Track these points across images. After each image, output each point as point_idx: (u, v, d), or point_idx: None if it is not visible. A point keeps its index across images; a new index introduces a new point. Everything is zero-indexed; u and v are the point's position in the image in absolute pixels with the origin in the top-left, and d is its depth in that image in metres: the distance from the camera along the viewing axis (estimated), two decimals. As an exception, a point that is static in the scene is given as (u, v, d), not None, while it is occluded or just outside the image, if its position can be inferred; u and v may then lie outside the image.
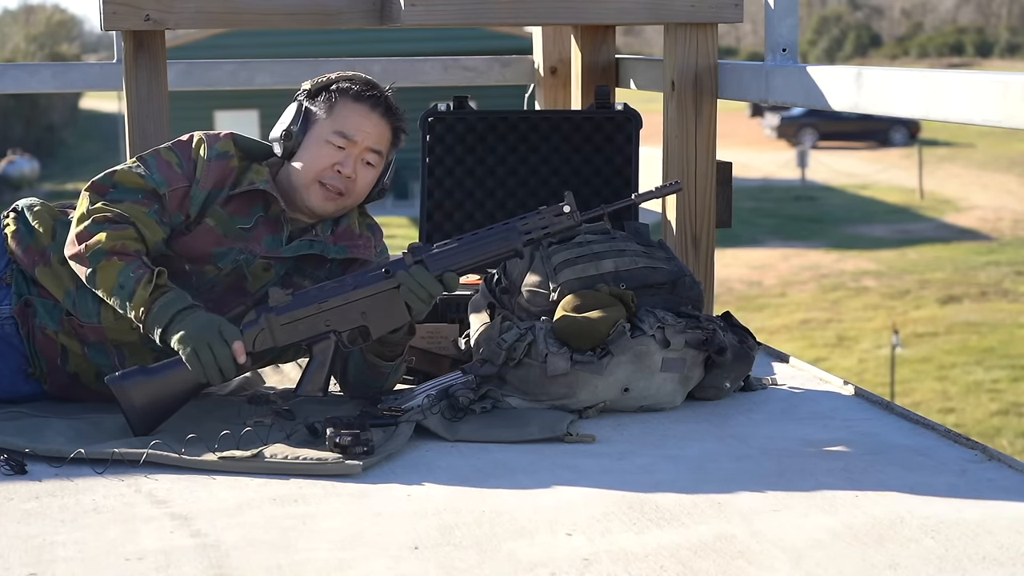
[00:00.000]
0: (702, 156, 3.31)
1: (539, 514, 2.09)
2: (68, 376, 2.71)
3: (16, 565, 1.90)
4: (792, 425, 2.60)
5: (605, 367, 2.61)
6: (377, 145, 2.74)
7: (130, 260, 2.55)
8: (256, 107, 22.33)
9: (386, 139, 2.76)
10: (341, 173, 2.70)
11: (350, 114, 2.72)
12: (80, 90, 6.88)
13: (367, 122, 2.72)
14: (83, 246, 2.57)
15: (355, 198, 2.76)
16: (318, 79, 2.77)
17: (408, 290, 2.54)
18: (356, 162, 2.72)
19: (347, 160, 2.71)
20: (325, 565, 1.90)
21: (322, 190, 2.71)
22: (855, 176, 26.63)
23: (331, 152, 2.71)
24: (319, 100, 2.74)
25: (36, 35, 41.36)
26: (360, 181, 2.74)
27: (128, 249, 2.57)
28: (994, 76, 2.35)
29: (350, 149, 2.71)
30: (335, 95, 2.73)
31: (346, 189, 2.72)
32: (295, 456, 2.33)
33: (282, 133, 2.73)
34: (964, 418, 12.02)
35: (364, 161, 2.73)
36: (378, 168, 2.76)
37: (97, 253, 2.56)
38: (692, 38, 3.26)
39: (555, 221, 2.59)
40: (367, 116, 2.72)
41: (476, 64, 4.35)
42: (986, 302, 16.40)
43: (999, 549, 1.93)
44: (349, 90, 2.73)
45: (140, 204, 2.64)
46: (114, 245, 2.56)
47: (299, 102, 2.76)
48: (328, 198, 2.72)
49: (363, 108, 2.73)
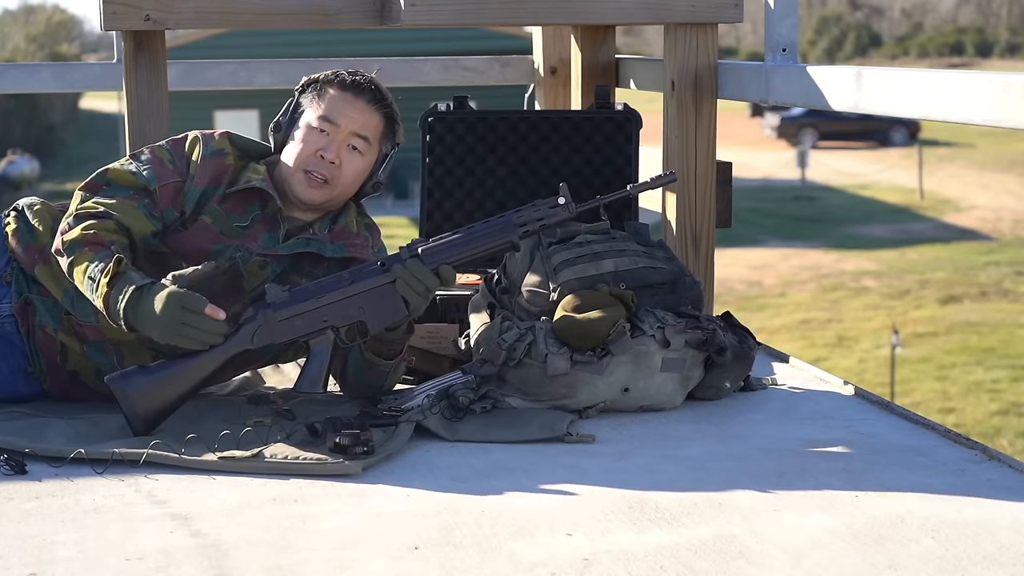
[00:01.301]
0: (702, 156, 3.31)
1: (539, 514, 2.09)
2: (68, 374, 2.71)
3: (16, 565, 1.90)
4: (792, 425, 2.60)
5: (605, 367, 2.61)
6: (362, 130, 2.74)
7: (100, 250, 2.55)
8: (256, 107, 22.33)
9: (374, 126, 2.76)
10: (324, 159, 2.71)
11: (334, 101, 2.74)
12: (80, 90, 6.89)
13: (351, 107, 2.73)
14: (62, 240, 2.58)
15: (343, 187, 2.75)
16: (313, 75, 2.79)
17: (404, 284, 2.54)
18: (340, 147, 2.72)
19: (330, 145, 2.71)
20: (325, 565, 1.90)
21: (306, 177, 2.72)
22: (855, 176, 26.63)
23: (315, 138, 2.72)
24: (308, 92, 2.77)
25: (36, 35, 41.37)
26: (346, 168, 2.73)
27: (102, 239, 2.57)
28: (994, 76, 2.35)
29: (333, 134, 2.72)
30: (322, 85, 2.76)
31: (331, 176, 2.72)
32: (295, 456, 2.33)
33: (272, 125, 2.78)
34: (964, 418, 12.02)
35: (349, 146, 2.73)
36: (367, 156, 2.76)
37: (72, 244, 2.57)
38: (692, 38, 3.26)
39: (550, 213, 2.59)
40: (352, 102, 2.74)
41: (476, 64, 4.35)
42: (986, 302, 16.40)
43: (999, 549, 1.93)
44: (335, 79, 2.76)
45: (130, 199, 2.65)
46: (86, 235, 2.57)
47: (292, 98, 2.78)
48: (311, 185, 2.72)
49: (348, 95, 2.74)
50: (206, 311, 2.48)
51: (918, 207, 23.47)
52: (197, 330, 2.48)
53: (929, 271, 18.04)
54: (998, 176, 26.47)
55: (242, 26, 3.24)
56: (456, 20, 3.18)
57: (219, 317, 2.48)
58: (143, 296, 2.49)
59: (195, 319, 2.47)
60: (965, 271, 17.98)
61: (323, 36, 17.76)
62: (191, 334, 2.48)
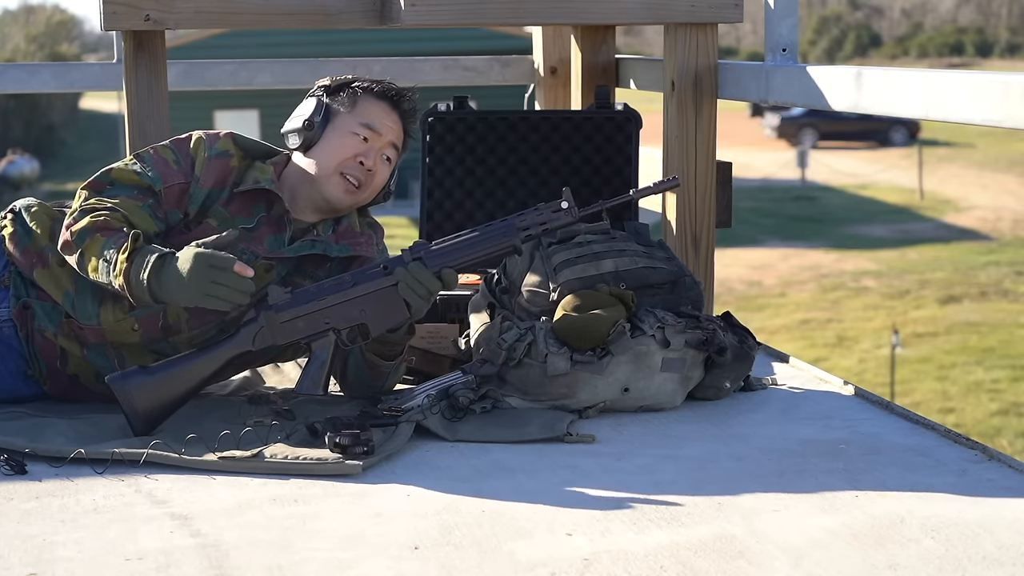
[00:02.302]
0: (702, 156, 3.31)
1: (539, 514, 2.09)
2: (68, 378, 2.70)
3: (16, 565, 1.90)
4: (792, 425, 2.60)
5: (605, 367, 2.61)
6: (397, 141, 2.79)
7: (112, 234, 2.54)
8: (256, 107, 22.29)
9: (402, 139, 2.81)
10: (363, 164, 2.73)
11: (375, 108, 2.76)
12: (80, 90, 6.88)
13: (389, 118, 2.77)
14: (69, 232, 2.57)
15: (369, 193, 2.78)
16: (336, 77, 2.81)
17: (407, 287, 2.54)
18: (377, 156, 2.75)
19: (370, 152, 2.74)
20: (325, 565, 1.90)
21: (343, 181, 2.73)
22: (855, 176, 26.63)
23: (356, 143, 2.74)
24: (340, 96, 2.78)
25: (36, 35, 41.37)
26: (377, 176, 2.77)
27: (112, 225, 2.56)
28: (994, 76, 2.35)
29: (374, 142, 2.74)
30: (358, 91, 2.78)
31: (365, 181, 2.75)
32: (295, 456, 2.33)
33: (304, 123, 2.74)
34: (964, 418, 12.02)
35: (384, 156, 2.77)
36: (392, 166, 2.80)
37: (82, 233, 2.55)
38: (692, 38, 3.26)
39: (553, 217, 2.59)
40: (389, 113, 2.77)
41: (476, 64, 4.35)
42: (986, 302, 16.40)
43: (999, 549, 1.93)
44: (372, 88, 2.79)
45: (134, 199, 2.64)
46: (96, 222, 2.56)
47: (318, 98, 2.78)
48: (347, 189, 2.74)
49: (386, 105, 2.78)
50: (235, 268, 2.46)
51: (918, 207, 23.47)
52: (227, 288, 2.45)
53: (929, 271, 18.04)
54: (998, 176, 26.47)
55: (242, 26, 3.24)
56: (456, 20, 3.18)
57: (247, 274, 2.47)
58: (167, 263, 2.48)
59: (224, 276, 2.45)
60: (965, 271, 17.98)
61: (323, 36, 17.76)
62: (221, 293, 2.45)
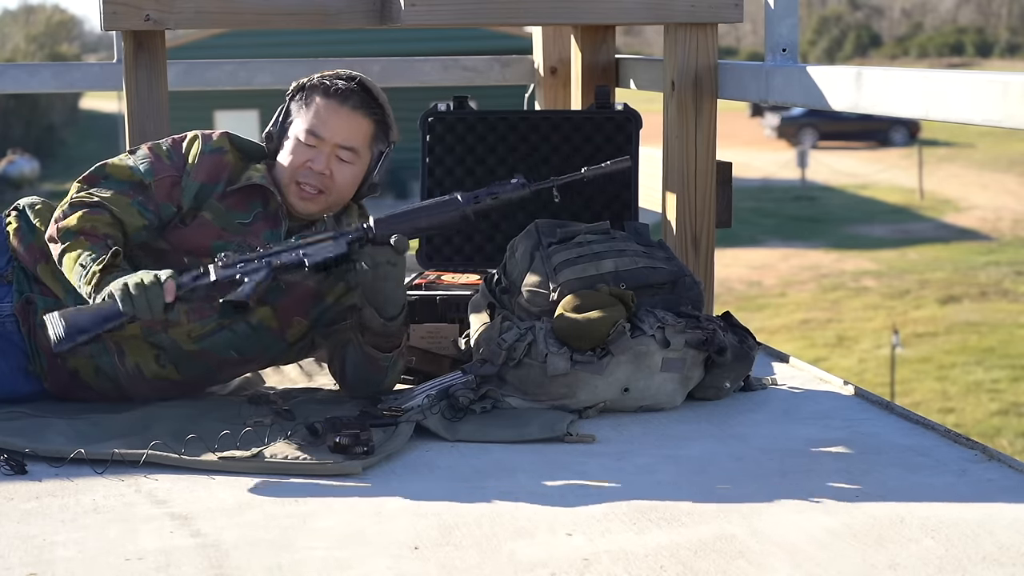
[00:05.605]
0: (702, 156, 3.31)
1: (539, 514, 2.10)
2: (68, 373, 2.71)
3: (16, 565, 1.90)
4: (793, 425, 2.60)
5: (605, 367, 2.61)
6: (348, 142, 2.72)
7: (96, 242, 2.56)
8: (256, 107, 22.32)
9: (362, 133, 2.74)
10: (313, 170, 2.71)
11: (320, 111, 2.72)
12: (80, 90, 6.89)
13: (335, 118, 2.72)
14: (57, 227, 2.60)
15: (339, 195, 2.75)
16: (304, 78, 2.78)
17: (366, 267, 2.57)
18: (329, 159, 2.72)
19: (318, 157, 2.71)
20: (325, 564, 1.90)
21: (299, 189, 2.73)
22: (855, 176, 26.63)
23: (303, 150, 2.72)
24: (298, 98, 2.77)
25: (36, 35, 41.38)
26: (338, 177, 2.73)
27: (97, 231, 2.59)
28: (994, 76, 2.35)
29: (320, 147, 2.72)
30: (309, 93, 2.75)
31: (324, 187, 2.72)
32: (295, 456, 2.33)
33: (264, 134, 2.79)
34: (964, 418, 12.02)
35: (338, 158, 2.73)
36: (357, 164, 2.75)
37: (68, 232, 2.59)
38: (692, 38, 3.26)
39: (504, 188, 2.67)
40: (336, 112, 2.72)
41: (476, 64, 4.35)
42: (986, 302, 16.40)
43: (999, 549, 1.93)
44: (320, 86, 2.74)
45: (124, 194, 2.66)
46: (83, 226, 2.59)
47: (286, 102, 2.78)
48: (304, 196, 2.72)
49: (333, 104, 2.73)
50: (165, 284, 2.44)
51: (918, 207, 23.47)
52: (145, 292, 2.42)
53: (929, 271, 18.04)
54: (998, 176, 26.47)
55: (242, 26, 3.24)
56: (456, 20, 3.18)
57: (168, 298, 2.45)
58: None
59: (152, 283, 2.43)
60: (965, 271, 17.98)
61: (323, 36, 17.76)
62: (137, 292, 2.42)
